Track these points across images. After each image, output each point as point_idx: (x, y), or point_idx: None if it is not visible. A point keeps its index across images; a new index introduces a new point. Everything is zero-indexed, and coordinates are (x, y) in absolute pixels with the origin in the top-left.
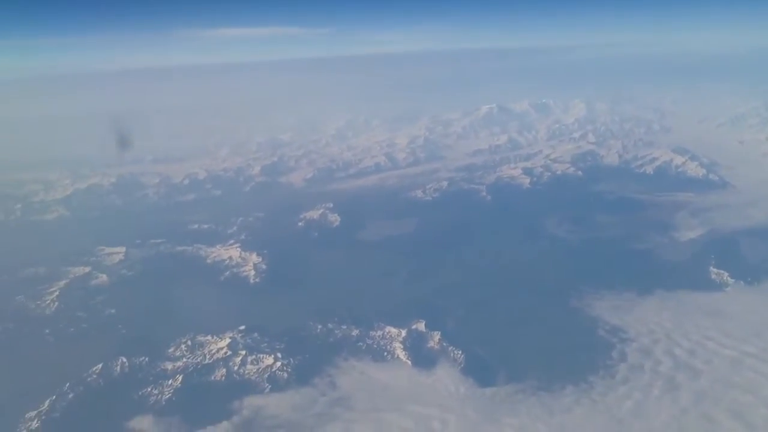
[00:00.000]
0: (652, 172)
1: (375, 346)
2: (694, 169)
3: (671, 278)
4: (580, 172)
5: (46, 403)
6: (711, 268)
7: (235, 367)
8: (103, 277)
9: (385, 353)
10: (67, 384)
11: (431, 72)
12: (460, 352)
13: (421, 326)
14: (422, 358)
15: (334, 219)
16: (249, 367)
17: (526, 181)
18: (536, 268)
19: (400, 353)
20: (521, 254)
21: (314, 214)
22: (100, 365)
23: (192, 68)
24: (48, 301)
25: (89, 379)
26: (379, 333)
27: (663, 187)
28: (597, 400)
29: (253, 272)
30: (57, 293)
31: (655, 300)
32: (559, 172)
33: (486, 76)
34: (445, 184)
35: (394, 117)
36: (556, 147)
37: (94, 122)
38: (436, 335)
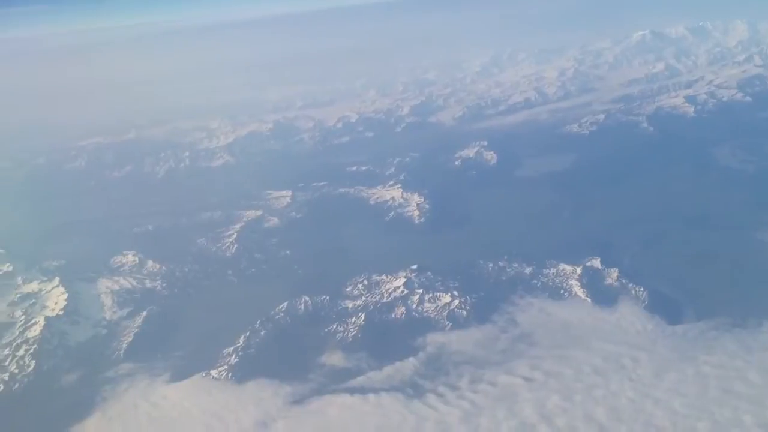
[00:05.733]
0: None
1: (550, 283)
2: None
3: None
4: (748, 98)
5: (241, 339)
6: None
7: (414, 305)
8: (275, 220)
9: (562, 291)
10: (258, 321)
11: None
12: (642, 289)
13: (596, 263)
14: (601, 295)
15: (491, 156)
16: (427, 305)
17: (690, 109)
18: (712, 200)
19: (578, 290)
20: (693, 187)
21: (470, 152)
22: (285, 303)
23: (329, 12)
24: (227, 244)
25: (277, 317)
26: (553, 270)
27: None
28: None
29: (416, 212)
30: (234, 236)
31: None
32: (725, 99)
33: (635, 0)
34: (601, 116)
35: (540, 50)
36: (718, 72)
37: (243, 71)
38: (614, 272)
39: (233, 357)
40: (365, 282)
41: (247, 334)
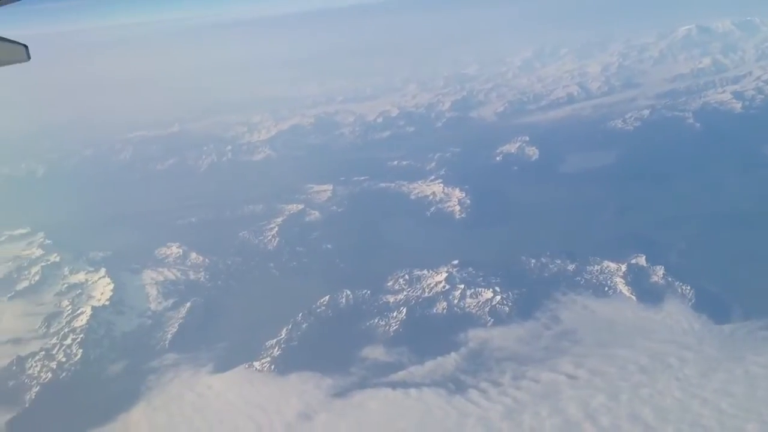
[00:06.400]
0: None
1: (594, 280)
2: None
3: None
4: None
5: (283, 332)
6: None
7: (455, 301)
8: (316, 214)
9: (606, 288)
10: (300, 314)
11: None
12: (688, 287)
13: (641, 260)
14: (647, 293)
15: (532, 152)
16: (468, 300)
17: (737, 105)
18: (759, 197)
19: (623, 288)
20: (740, 184)
21: (511, 147)
22: (326, 297)
23: (370, 6)
24: (269, 237)
25: (318, 310)
26: (597, 267)
27: None
28: None
29: (458, 207)
30: (276, 229)
31: None
32: None
33: None
34: (646, 112)
35: (583, 44)
36: (767, 68)
37: (284, 66)
38: (659, 270)
39: (276, 349)
40: (406, 277)
41: (289, 326)
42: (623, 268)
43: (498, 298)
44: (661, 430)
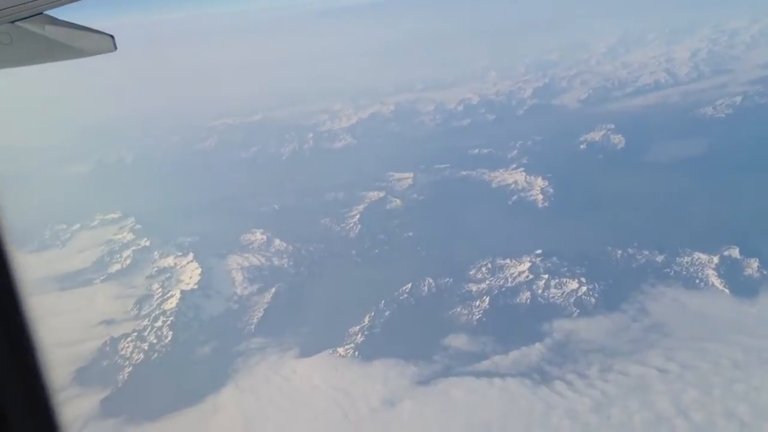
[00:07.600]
0: None
1: (684, 272)
2: None
3: None
4: None
5: (366, 319)
6: None
7: (539, 291)
8: (397, 202)
9: (697, 280)
10: (382, 302)
11: None
12: None
13: (734, 252)
14: (741, 286)
15: (618, 140)
16: (553, 291)
17: None
18: None
19: (715, 281)
20: None
21: (596, 135)
22: (409, 285)
23: None
24: (351, 224)
25: (401, 297)
26: (687, 259)
27: None
28: None
29: (540, 196)
30: (358, 216)
31: None
32: None
33: None
34: (738, 99)
35: (670, 29)
36: None
37: (364, 54)
38: (754, 262)
39: (359, 336)
40: (489, 266)
41: (372, 313)
42: (715, 260)
43: (584, 289)
44: (758, 429)
